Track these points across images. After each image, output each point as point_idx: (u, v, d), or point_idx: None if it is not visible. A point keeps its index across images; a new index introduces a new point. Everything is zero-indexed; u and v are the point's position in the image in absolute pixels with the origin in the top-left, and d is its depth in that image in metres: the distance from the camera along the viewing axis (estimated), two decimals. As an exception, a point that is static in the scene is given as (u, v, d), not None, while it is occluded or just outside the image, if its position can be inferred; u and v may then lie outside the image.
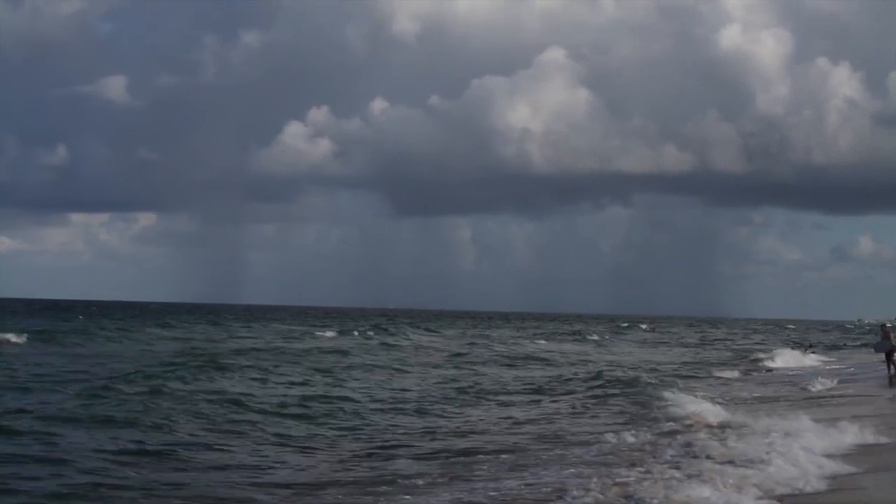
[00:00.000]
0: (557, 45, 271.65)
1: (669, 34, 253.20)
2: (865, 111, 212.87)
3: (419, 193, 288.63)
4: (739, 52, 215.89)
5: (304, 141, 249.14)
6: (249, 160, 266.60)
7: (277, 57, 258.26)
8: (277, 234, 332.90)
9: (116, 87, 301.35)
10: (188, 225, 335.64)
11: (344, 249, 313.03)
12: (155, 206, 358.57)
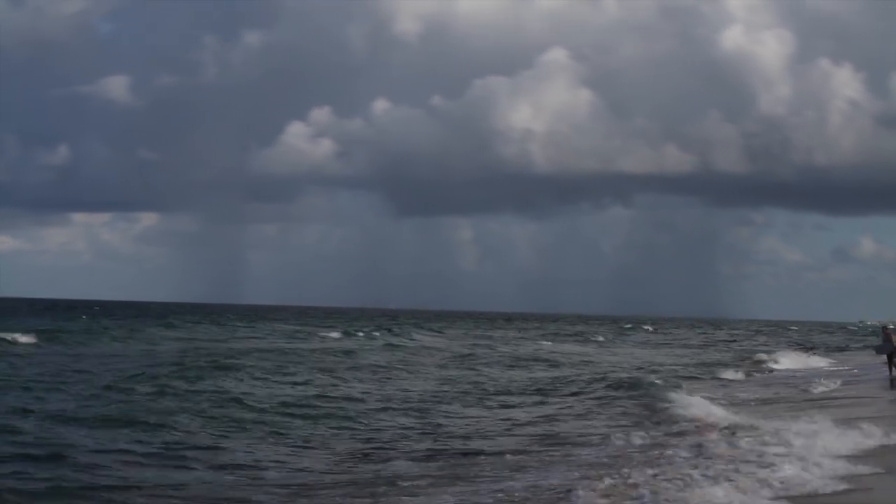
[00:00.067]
0: (559, 45, 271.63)
1: (671, 34, 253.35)
2: (867, 112, 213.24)
3: (421, 193, 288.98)
4: (741, 52, 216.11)
5: (305, 141, 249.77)
6: (251, 160, 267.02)
7: (279, 57, 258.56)
8: (279, 234, 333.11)
9: (118, 86, 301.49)
10: (189, 225, 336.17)
11: (345, 249, 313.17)
12: (156, 205, 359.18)
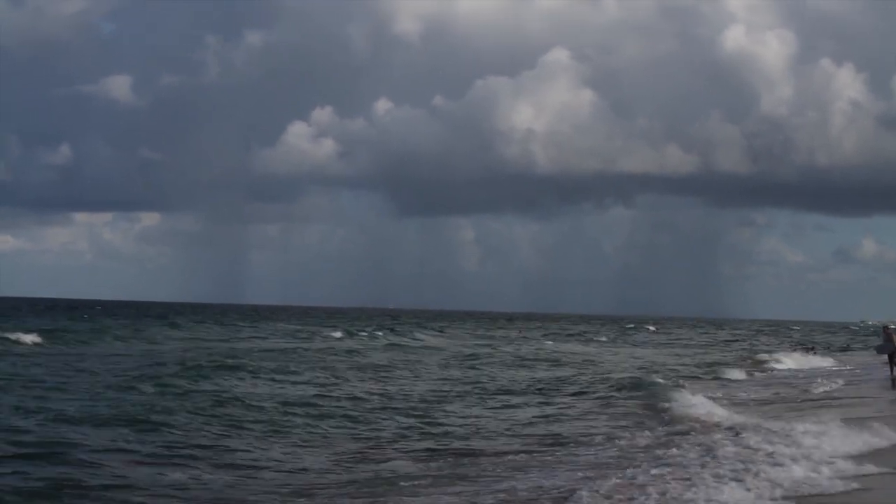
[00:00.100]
0: (561, 45, 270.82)
1: (673, 35, 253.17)
2: (869, 113, 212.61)
3: (422, 194, 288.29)
4: (743, 53, 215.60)
5: (307, 141, 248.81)
6: (253, 160, 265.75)
7: (281, 57, 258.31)
8: (281, 234, 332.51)
9: (120, 86, 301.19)
10: (191, 225, 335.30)
11: (347, 249, 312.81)
12: (158, 205, 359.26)
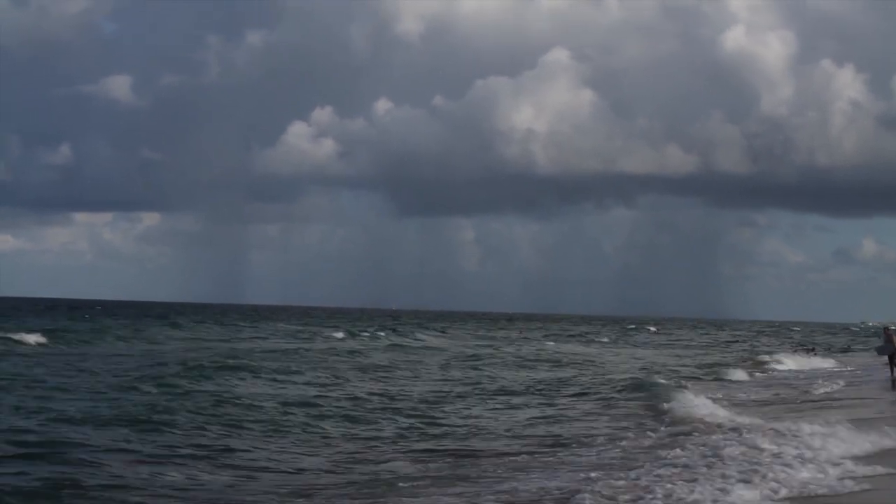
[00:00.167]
0: (561, 45, 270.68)
1: (674, 35, 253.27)
2: (870, 113, 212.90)
3: (423, 194, 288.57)
4: (744, 53, 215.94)
5: (308, 141, 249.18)
6: (253, 160, 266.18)
7: (281, 57, 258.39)
8: (281, 234, 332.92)
9: (121, 86, 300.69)
10: (192, 225, 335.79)
11: (347, 250, 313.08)
12: (158, 205, 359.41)
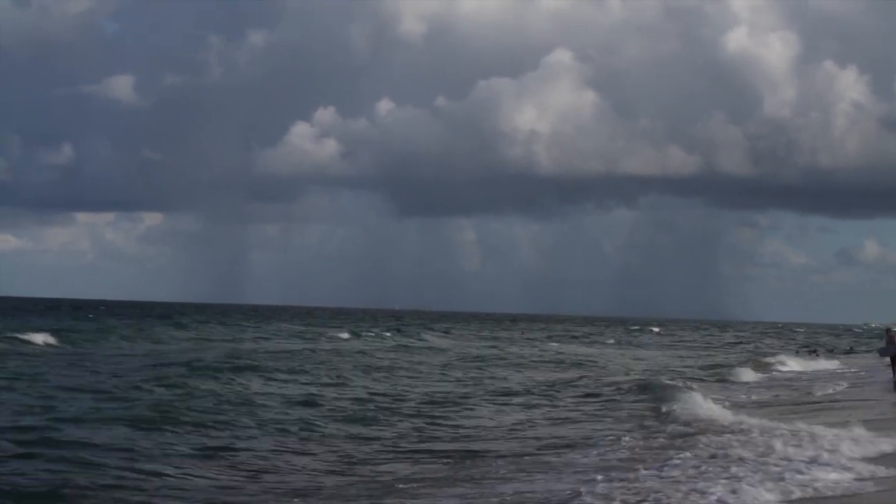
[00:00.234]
0: (564, 46, 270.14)
1: (676, 36, 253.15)
2: (872, 114, 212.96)
3: (424, 194, 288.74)
4: (746, 54, 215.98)
5: (309, 141, 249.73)
6: (255, 160, 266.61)
7: (283, 57, 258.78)
8: (282, 234, 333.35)
9: (122, 86, 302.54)
10: (193, 225, 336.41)
11: (348, 250, 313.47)
12: (160, 205, 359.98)
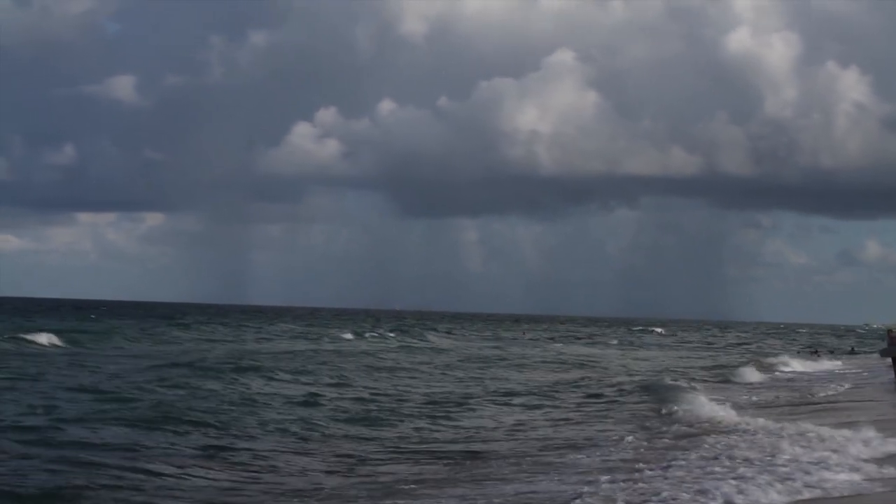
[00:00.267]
0: (566, 46, 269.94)
1: (678, 36, 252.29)
2: (874, 115, 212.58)
3: (426, 194, 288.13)
4: (748, 54, 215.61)
5: (312, 141, 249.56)
6: (257, 160, 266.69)
7: (285, 57, 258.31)
8: (284, 234, 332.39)
9: (124, 86, 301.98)
10: (195, 225, 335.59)
11: (351, 250, 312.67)
12: (162, 206, 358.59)
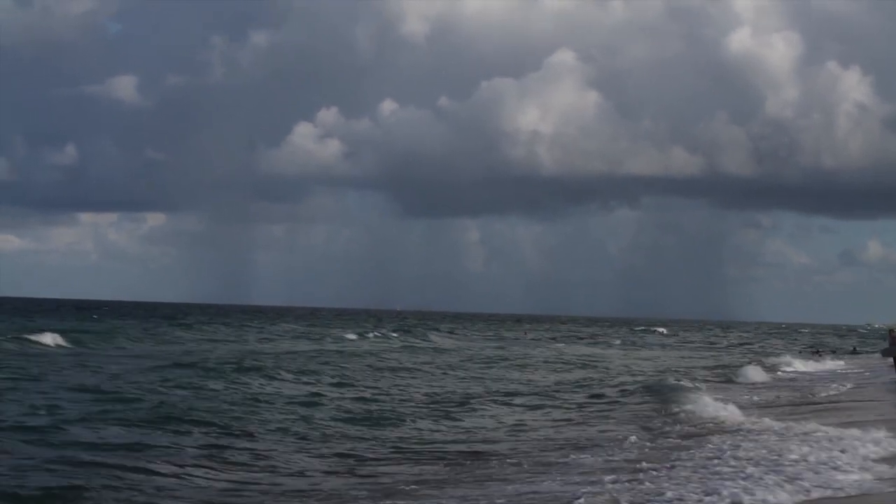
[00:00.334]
0: (567, 46, 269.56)
1: (679, 36, 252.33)
2: (875, 115, 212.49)
3: (427, 195, 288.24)
4: (749, 54, 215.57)
5: (313, 141, 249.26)
6: (258, 160, 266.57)
7: (286, 57, 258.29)
8: (286, 234, 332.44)
9: (125, 86, 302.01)
10: (196, 225, 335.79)
11: (352, 250, 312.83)
12: (163, 206, 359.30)
